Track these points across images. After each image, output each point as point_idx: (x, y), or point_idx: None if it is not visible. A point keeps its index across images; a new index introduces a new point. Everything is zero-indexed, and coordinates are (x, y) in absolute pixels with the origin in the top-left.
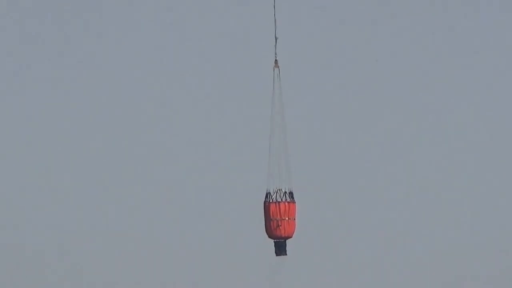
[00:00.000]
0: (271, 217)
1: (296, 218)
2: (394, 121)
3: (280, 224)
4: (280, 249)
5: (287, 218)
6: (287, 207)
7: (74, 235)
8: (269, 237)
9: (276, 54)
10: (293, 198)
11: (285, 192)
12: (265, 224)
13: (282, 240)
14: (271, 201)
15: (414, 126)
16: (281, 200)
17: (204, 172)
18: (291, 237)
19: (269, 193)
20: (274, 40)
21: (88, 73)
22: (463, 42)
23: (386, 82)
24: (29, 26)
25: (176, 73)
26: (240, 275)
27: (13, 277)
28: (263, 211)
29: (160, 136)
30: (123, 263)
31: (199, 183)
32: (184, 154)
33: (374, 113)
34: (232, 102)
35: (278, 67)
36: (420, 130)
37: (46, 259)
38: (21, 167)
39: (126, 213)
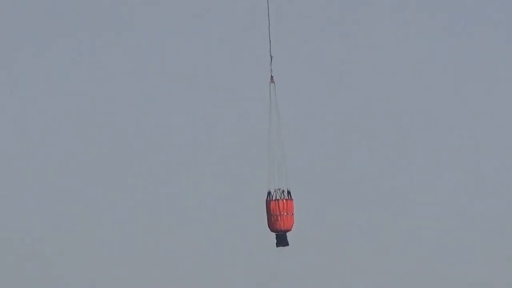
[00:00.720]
0: (272, 213)
1: (294, 213)
2: (387, 122)
3: (279, 218)
4: (280, 240)
5: (285, 213)
6: (285, 204)
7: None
8: (271, 231)
9: (271, 70)
10: (290, 195)
11: (283, 191)
12: (267, 220)
13: (282, 233)
14: (271, 199)
15: (408, 126)
16: (280, 198)
17: (211, 177)
18: (290, 230)
19: (270, 192)
20: (270, 58)
21: (85, 73)
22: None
23: (378, 84)
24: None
25: (177, 81)
26: (243, 264)
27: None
28: (265, 209)
29: (163, 149)
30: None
31: (206, 185)
32: (190, 166)
33: (367, 117)
34: (232, 117)
35: (274, 82)
36: (413, 132)
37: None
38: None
39: (131, 211)
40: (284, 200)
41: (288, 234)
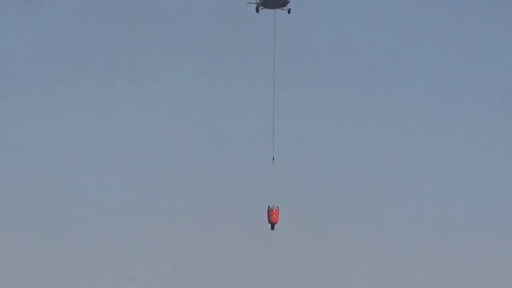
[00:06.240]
0: (269, 214)
1: (279, 215)
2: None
3: (271, 217)
4: (272, 227)
5: (275, 215)
6: (275, 211)
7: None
8: (268, 222)
9: (273, 156)
10: (278, 208)
11: (274, 205)
12: (267, 218)
13: (273, 224)
14: (269, 209)
15: (401, 142)
16: (273, 208)
17: (238, 202)
18: (276, 223)
19: (269, 206)
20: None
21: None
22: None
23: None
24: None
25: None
26: (252, 239)
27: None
28: (267, 213)
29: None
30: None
31: (235, 205)
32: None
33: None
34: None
35: (274, 160)
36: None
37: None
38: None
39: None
40: (275, 209)
41: (276, 225)
